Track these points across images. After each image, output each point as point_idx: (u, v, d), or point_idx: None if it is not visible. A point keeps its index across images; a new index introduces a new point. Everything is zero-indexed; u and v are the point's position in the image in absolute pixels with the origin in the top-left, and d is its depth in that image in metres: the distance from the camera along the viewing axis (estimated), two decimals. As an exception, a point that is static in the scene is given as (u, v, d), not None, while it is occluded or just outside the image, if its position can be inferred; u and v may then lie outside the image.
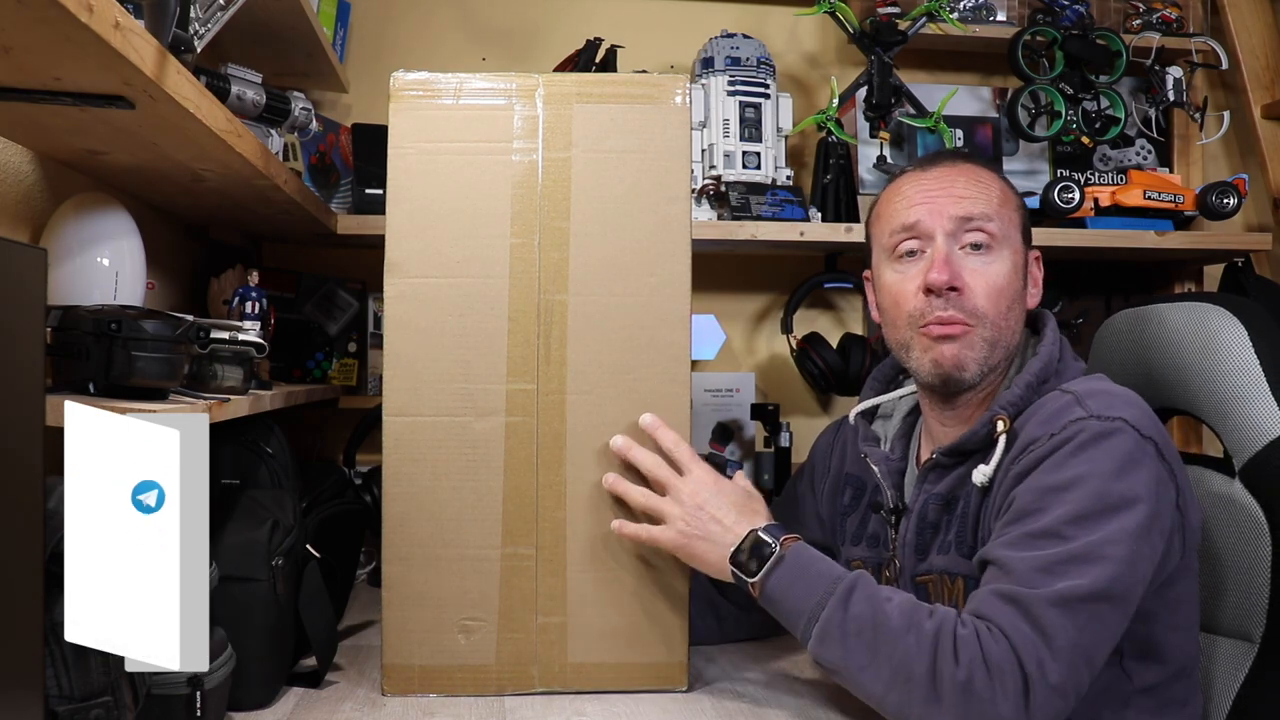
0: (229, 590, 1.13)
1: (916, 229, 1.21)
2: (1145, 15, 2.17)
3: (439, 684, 1.21)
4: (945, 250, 1.19)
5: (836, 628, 1.05)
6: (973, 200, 1.20)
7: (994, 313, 1.18)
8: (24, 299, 0.75)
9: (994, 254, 1.20)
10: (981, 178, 1.23)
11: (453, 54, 2.14)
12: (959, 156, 1.28)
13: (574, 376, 1.22)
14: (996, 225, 1.20)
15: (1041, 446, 1.09)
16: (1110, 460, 1.05)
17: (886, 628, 1.03)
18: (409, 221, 1.22)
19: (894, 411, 1.38)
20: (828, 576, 1.10)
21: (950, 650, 0.99)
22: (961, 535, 1.18)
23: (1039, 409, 1.14)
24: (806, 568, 1.12)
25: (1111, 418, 1.08)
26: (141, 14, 0.99)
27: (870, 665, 1.03)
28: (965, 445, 1.19)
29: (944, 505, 1.21)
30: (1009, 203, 1.24)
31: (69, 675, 0.83)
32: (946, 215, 1.20)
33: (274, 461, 1.37)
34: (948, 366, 1.19)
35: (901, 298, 1.22)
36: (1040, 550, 1.02)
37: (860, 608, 1.05)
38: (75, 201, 1.21)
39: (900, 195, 1.25)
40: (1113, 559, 1.01)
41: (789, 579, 1.11)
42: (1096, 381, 1.17)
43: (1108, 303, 2.24)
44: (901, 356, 1.26)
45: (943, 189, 1.22)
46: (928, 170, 1.25)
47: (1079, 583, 1.00)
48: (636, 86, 1.26)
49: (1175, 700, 1.15)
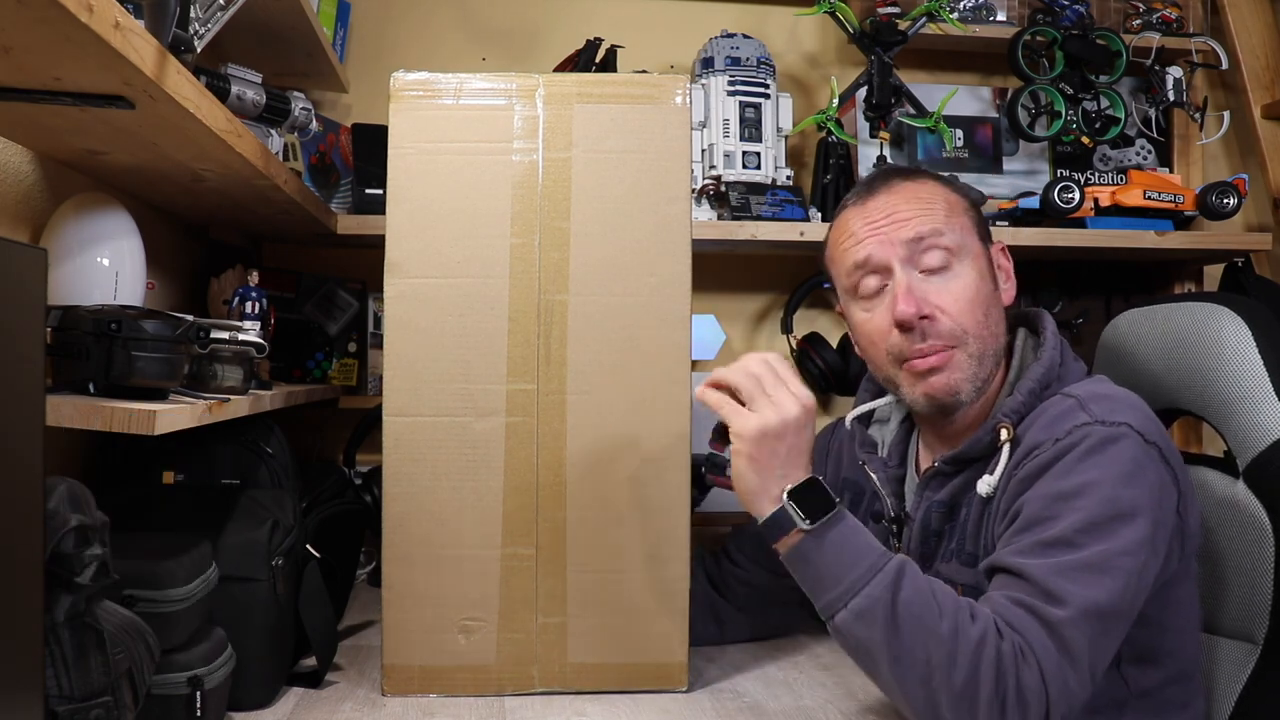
0: (229, 590, 1.13)
1: (870, 264, 1.19)
2: (1145, 15, 2.17)
3: (439, 684, 1.21)
4: (905, 281, 1.16)
5: (883, 610, 1.01)
6: (919, 219, 1.18)
7: (973, 326, 1.16)
8: (24, 299, 0.74)
9: (955, 269, 1.17)
10: (922, 193, 1.20)
11: (453, 54, 2.14)
12: (893, 176, 1.24)
13: (574, 376, 1.22)
14: (950, 238, 1.17)
15: (1046, 452, 1.08)
16: (1117, 466, 1.05)
17: (933, 626, 1.00)
18: (409, 221, 1.22)
19: (890, 416, 1.36)
20: (874, 551, 1.05)
21: (993, 664, 0.97)
22: (962, 543, 1.17)
23: (1042, 413, 1.14)
24: (857, 533, 1.07)
25: (1116, 423, 1.07)
26: (141, 14, 0.99)
27: (905, 656, 1.00)
28: (968, 453, 1.18)
29: (946, 513, 1.20)
30: (957, 209, 1.21)
31: (69, 675, 0.83)
32: (896, 242, 1.17)
33: (274, 461, 1.37)
34: (941, 397, 1.17)
35: (876, 336, 1.20)
36: (1055, 558, 1.02)
37: (909, 594, 1.02)
38: (75, 201, 1.21)
39: (847, 233, 1.22)
40: (1124, 570, 1.01)
41: (841, 539, 1.06)
42: (1099, 385, 1.16)
43: (1108, 303, 2.23)
44: (891, 390, 1.24)
45: (886, 217, 1.19)
46: (866, 202, 1.22)
47: (1098, 596, 1.00)
48: (636, 86, 1.26)
49: (1174, 703, 1.15)
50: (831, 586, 1.05)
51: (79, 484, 0.87)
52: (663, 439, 1.23)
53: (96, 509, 0.87)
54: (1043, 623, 0.99)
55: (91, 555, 0.84)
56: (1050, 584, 1.00)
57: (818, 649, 1.45)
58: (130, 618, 0.90)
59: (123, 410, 0.95)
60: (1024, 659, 0.98)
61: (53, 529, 0.82)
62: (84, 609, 0.85)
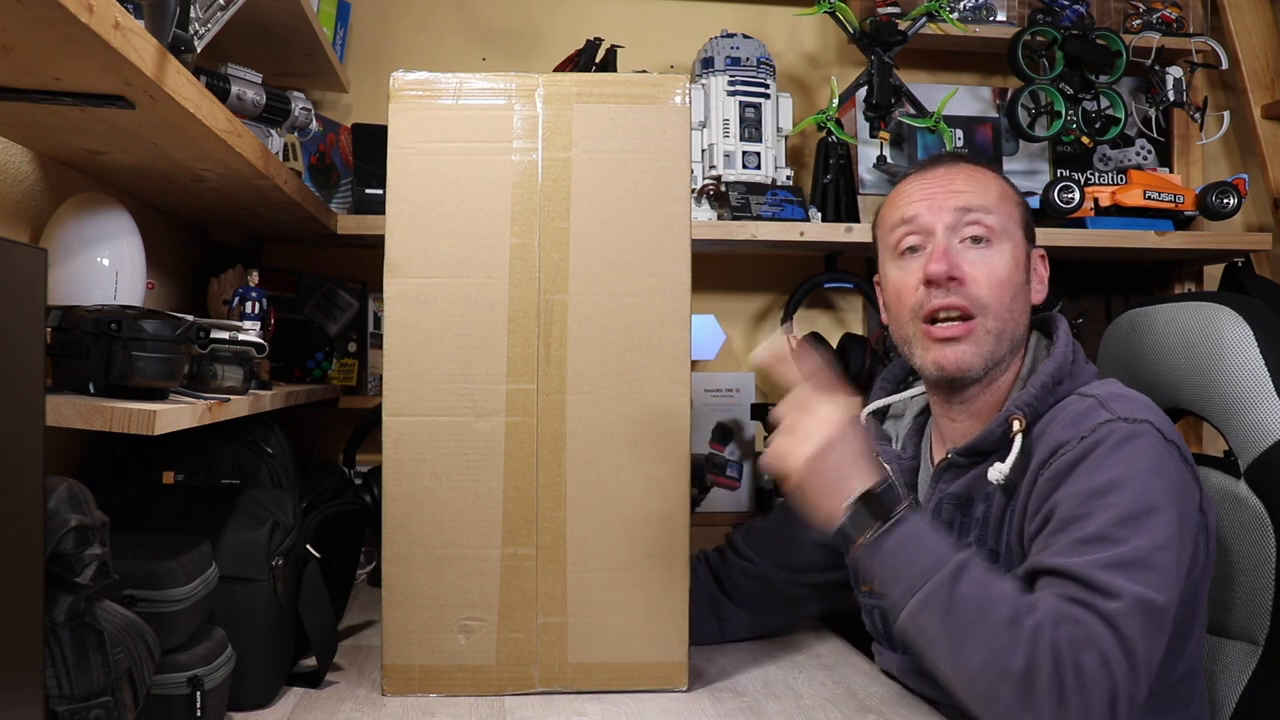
0: (229, 590, 1.13)
1: (915, 223, 1.23)
2: (1145, 15, 2.17)
3: (439, 684, 1.21)
4: (944, 243, 1.20)
5: (942, 601, 1.02)
6: (970, 194, 1.22)
7: (996, 303, 1.19)
8: (24, 299, 0.74)
9: (993, 247, 1.21)
10: (981, 175, 1.26)
11: (453, 54, 2.14)
12: (960, 158, 1.30)
13: (574, 376, 1.22)
14: (995, 219, 1.21)
15: (1072, 450, 1.09)
16: (1145, 460, 1.06)
17: (990, 615, 1.00)
18: (409, 221, 1.22)
19: (905, 411, 1.38)
20: (934, 552, 1.06)
21: (1049, 650, 0.97)
22: (982, 538, 1.18)
23: (1060, 412, 1.15)
24: (916, 537, 1.07)
25: (1138, 419, 1.09)
26: (141, 14, 0.99)
27: (963, 647, 1.01)
28: (981, 445, 1.19)
29: (958, 505, 1.21)
30: (1008, 198, 1.25)
31: (69, 675, 0.83)
32: (945, 209, 1.22)
33: (274, 461, 1.37)
34: (951, 369, 1.20)
35: (904, 291, 1.23)
36: (1096, 554, 1.02)
37: (970, 588, 1.02)
38: (75, 201, 1.21)
39: (902, 195, 1.27)
40: (1164, 565, 1.02)
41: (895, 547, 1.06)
42: (1114, 385, 1.17)
43: (1108, 303, 2.24)
44: (906, 353, 1.26)
45: (941, 185, 1.24)
46: (928, 171, 1.27)
47: (1145, 591, 0.99)
48: (636, 86, 1.26)
49: (1179, 701, 1.16)
50: (894, 586, 1.07)
51: (79, 484, 0.87)
52: (663, 439, 1.23)
53: (96, 509, 0.87)
54: (1098, 615, 0.99)
55: (91, 555, 0.84)
56: (1097, 579, 1.00)
57: (818, 649, 1.45)
58: (130, 618, 0.90)
59: (123, 410, 0.94)
60: (1085, 645, 0.98)
61: (53, 529, 0.82)
62: (84, 609, 0.84)
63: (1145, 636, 0.99)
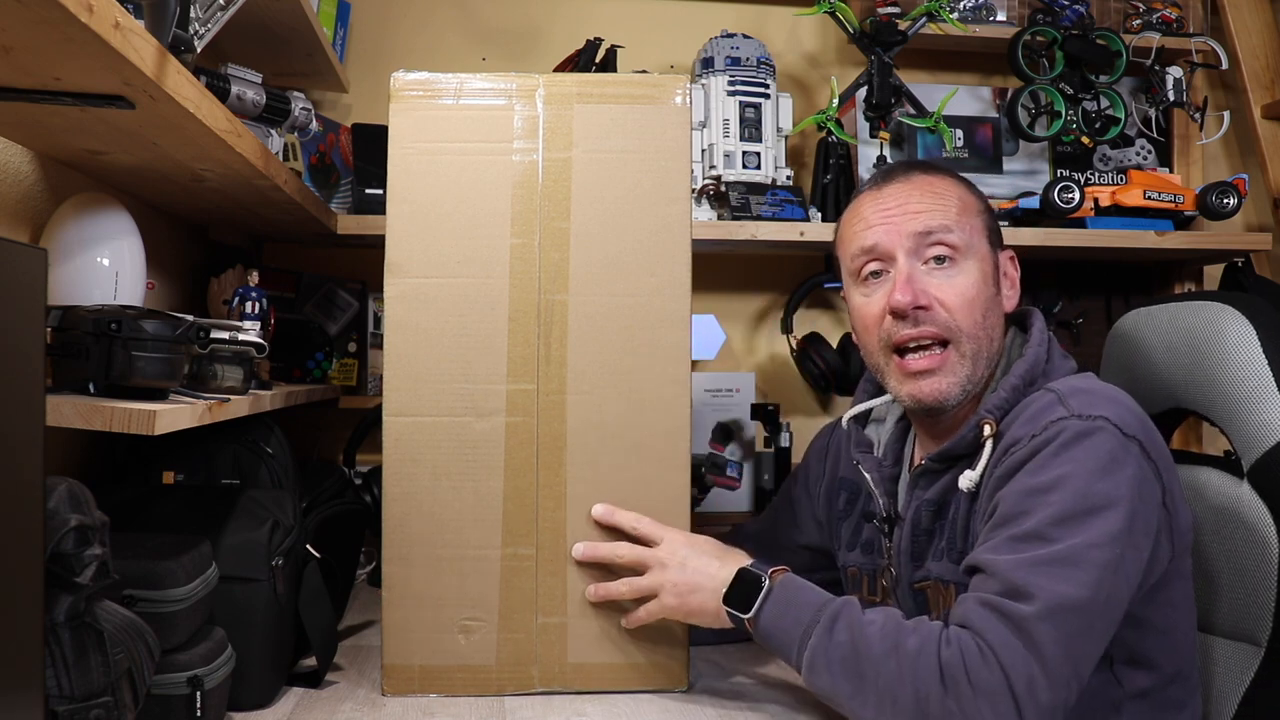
0: (229, 590, 1.13)
1: (876, 251, 1.20)
2: (1145, 15, 2.17)
3: (439, 684, 1.21)
4: (907, 270, 1.17)
5: (822, 656, 1.05)
6: (930, 214, 1.18)
7: (969, 324, 1.17)
8: (24, 299, 0.74)
9: (958, 265, 1.18)
10: (938, 188, 1.21)
11: (453, 54, 2.14)
12: (914, 168, 1.25)
13: (574, 376, 1.22)
14: (958, 236, 1.18)
15: (1023, 448, 1.08)
16: (1092, 459, 1.04)
17: (868, 653, 1.02)
18: (409, 221, 1.22)
19: (887, 415, 1.36)
20: (814, 605, 1.09)
21: (935, 674, 0.98)
22: (952, 542, 1.17)
23: (1024, 409, 1.13)
24: (794, 597, 1.11)
25: (1093, 416, 1.07)
26: (141, 14, 0.99)
27: (858, 693, 1.02)
28: (953, 450, 1.18)
29: (935, 511, 1.21)
30: (970, 209, 1.22)
31: (69, 675, 0.83)
32: (904, 233, 1.18)
33: (274, 461, 1.37)
34: (929, 402, 1.18)
35: (870, 321, 1.21)
36: (1025, 553, 1.01)
37: (843, 635, 1.04)
38: (75, 201, 1.21)
39: (858, 217, 1.23)
40: (1097, 564, 1.00)
41: (779, 610, 1.11)
42: (1081, 380, 1.16)
43: (1108, 303, 2.24)
44: (880, 380, 1.25)
45: (899, 206, 1.20)
46: (882, 188, 1.23)
47: (1067, 591, 0.99)
48: (637, 87, 1.26)
49: (1172, 703, 1.15)
50: (790, 651, 1.09)
51: (79, 484, 0.87)
52: (663, 439, 1.23)
53: (96, 509, 0.87)
54: (1007, 621, 0.98)
55: (91, 555, 0.84)
56: (1017, 579, 1.00)
57: (818, 649, 1.44)
58: (130, 618, 0.90)
59: (123, 410, 0.94)
60: (978, 654, 0.97)
61: (53, 529, 0.82)
62: (84, 609, 0.84)
63: (1062, 640, 0.97)
